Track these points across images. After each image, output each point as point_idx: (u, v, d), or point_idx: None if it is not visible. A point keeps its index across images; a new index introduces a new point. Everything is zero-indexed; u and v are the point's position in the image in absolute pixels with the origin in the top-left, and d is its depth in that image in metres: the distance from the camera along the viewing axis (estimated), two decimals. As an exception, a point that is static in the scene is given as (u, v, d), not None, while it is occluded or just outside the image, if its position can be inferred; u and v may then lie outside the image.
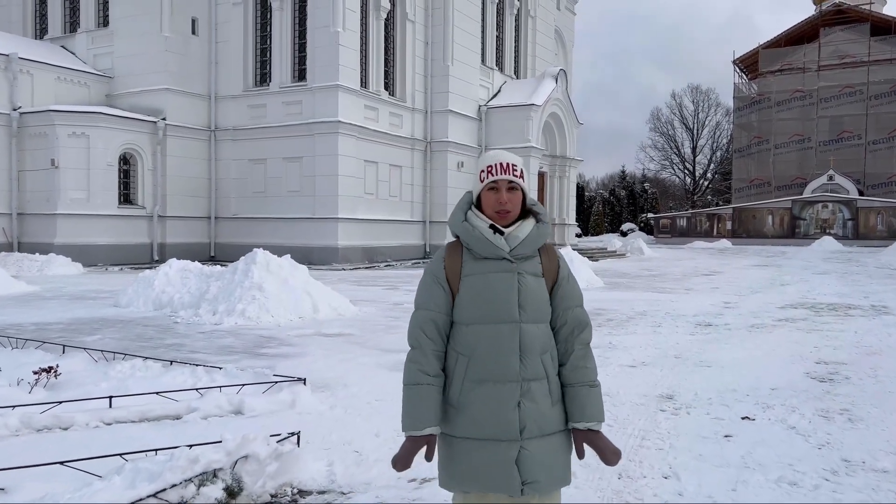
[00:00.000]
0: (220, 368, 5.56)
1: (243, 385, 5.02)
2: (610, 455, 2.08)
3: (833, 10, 49.20)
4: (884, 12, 49.66)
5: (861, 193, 43.61)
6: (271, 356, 6.83)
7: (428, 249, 24.01)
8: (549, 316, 2.13)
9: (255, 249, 10.02)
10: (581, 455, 2.12)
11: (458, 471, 2.07)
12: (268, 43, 21.87)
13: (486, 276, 2.06)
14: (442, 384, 2.08)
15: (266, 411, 4.63)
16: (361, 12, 21.38)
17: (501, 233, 2.08)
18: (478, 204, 2.15)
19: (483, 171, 2.12)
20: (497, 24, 27.75)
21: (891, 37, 46.52)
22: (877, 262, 23.04)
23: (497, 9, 27.53)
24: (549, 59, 30.61)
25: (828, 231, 40.17)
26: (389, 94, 22.94)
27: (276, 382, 5.13)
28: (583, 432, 2.09)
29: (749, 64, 52.64)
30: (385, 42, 22.94)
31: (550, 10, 31.34)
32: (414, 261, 22.75)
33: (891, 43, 46.64)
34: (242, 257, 10.08)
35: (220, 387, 4.99)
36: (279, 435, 3.60)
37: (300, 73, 21.24)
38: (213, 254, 21.80)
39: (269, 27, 21.83)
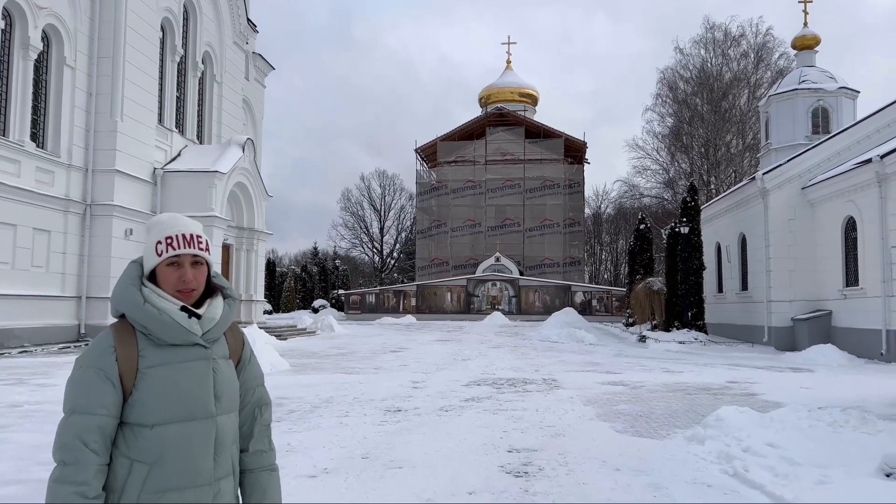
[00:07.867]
0: None
1: None
2: None
3: (496, 112, 56.32)
4: (535, 119, 58.28)
5: (522, 273, 49.21)
6: None
7: (83, 331, 20.20)
8: (238, 402, 1.87)
9: None
10: None
11: None
12: None
13: (176, 367, 1.74)
14: None
15: None
16: (2, 48, 17.85)
17: (198, 316, 1.78)
18: (150, 277, 1.81)
19: (160, 241, 1.79)
20: (178, 85, 25.62)
21: (540, 140, 54.56)
22: (538, 336, 25.42)
23: (179, 69, 25.46)
24: (236, 128, 29.15)
25: (497, 307, 44.12)
26: (38, 146, 19.28)
27: None
28: None
29: (429, 154, 57.16)
30: (37, 87, 19.41)
31: (238, 79, 30.12)
32: (63, 345, 18.88)
33: (540, 146, 54.64)
34: None
35: None
36: None
37: None
38: None
39: None
